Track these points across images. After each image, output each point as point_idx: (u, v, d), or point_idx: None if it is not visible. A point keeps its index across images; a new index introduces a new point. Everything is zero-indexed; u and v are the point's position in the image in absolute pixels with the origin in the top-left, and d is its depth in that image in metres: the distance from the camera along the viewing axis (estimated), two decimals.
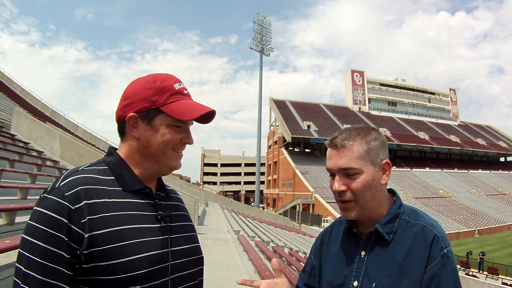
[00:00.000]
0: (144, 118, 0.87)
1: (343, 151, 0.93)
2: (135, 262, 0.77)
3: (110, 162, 0.89)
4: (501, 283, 16.22)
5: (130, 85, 0.90)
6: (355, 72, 71.90)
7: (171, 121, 0.87)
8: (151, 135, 0.87)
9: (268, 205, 62.31)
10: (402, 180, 49.95)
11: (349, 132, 0.96)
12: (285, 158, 53.52)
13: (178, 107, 0.87)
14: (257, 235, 12.59)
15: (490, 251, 23.73)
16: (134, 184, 0.87)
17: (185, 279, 0.89)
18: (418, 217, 0.96)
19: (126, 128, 0.89)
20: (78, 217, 0.75)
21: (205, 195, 22.98)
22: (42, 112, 21.77)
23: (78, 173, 0.82)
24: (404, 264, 0.89)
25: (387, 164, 0.96)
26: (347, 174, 0.93)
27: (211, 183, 78.76)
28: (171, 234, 0.88)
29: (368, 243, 0.96)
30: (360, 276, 0.94)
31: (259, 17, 57.19)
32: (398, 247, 0.92)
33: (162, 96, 0.87)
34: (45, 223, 0.73)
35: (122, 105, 0.89)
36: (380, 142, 0.96)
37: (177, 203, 1.02)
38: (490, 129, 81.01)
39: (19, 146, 9.25)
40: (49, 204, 0.75)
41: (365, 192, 0.92)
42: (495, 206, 44.85)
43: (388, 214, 0.96)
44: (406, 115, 72.97)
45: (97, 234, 0.75)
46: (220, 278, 5.21)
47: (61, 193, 0.76)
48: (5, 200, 5.06)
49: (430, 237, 0.90)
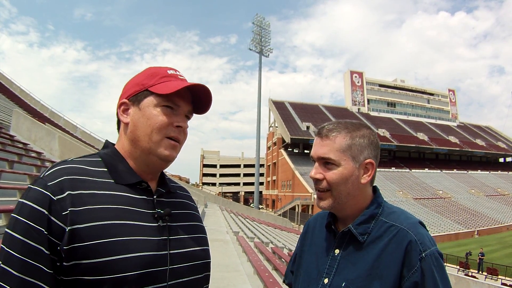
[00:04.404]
0: (134, 101, 0.82)
1: (326, 140, 0.94)
2: (124, 262, 0.67)
3: (104, 154, 0.82)
4: (501, 284, 16.23)
5: (128, 81, 0.88)
6: (354, 73, 71.96)
7: (159, 101, 0.80)
8: (139, 117, 0.80)
9: (267, 206, 62.25)
10: (401, 181, 49.98)
11: (337, 124, 0.96)
12: (284, 159, 53.52)
13: (167, 85, 0.80)
14: (256, 236, 12.60)
15: (490, 251, 23.72)
16: (128, 177, 0.79)
17: (187, 286, 0.79)
18: (396, 218, 0.93)
19: (119, 117, 0.84)
20: (60, 208, 0.67)
21: (204, 196, 22.98)
22: (41, 113, 21.74)
23: (66, 163, 0.75)
24: (376, 266, 0.87)
25: (370, 164, 0.94)
26: (326, 163, 0.93)
27: (210, 184, 78.64)
28: (171, 235, 0.79)
29: (343, 242, 0.95)
30: (331, 274, 0.93)
31: (258, 18, 57.29)
32: (372, 248, 0.90)
33: (153, 79, 0.82)
34: (26, 215, 0.66)
35: (119, 99, 0.85)
36: (368, 141, 0.94)
37: (183, 200, 0.92)
38: (489, 129, 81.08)
39: (18, 147, 9.23)
40: (31, 194, 0.68)
41: (340, 185, 0.92)
42: (494, 207, 44.82)
43: (363, 214, 0.94)
44: (405, 116, 73.03)
45: (80, 228, 0.67)
46: (219, 279, 5.20)
47: (44, 183, 0.69)
48: (5, 201, 5.05)
49: (405, 242, 0.87)
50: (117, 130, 0.86)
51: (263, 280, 5.12)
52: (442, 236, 33.22)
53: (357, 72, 72.64)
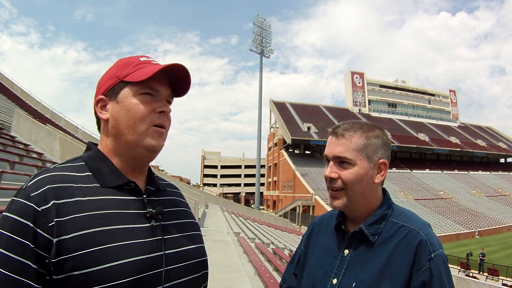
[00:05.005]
0: (111, 96, 0.78)
1: (342, 140, 0.94)
2: (115, 269, 0.65)
3: (86, 157, 0.78)
4: (501, 284, 16.20)
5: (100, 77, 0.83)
6: (355, 73, 71.96)
7: (137, 89, 0.76)
8: (119, 110, 0.76)
9: (268, 207, 62.23)
10: (402, 182, 49.91)
11: (352, 123, 0.97)
12: (285, 160, 53.49)
13: (142, 72, 0.77)
14: (257, 237, 12.61)
15: (490, 252, 23.70)
16: (114, 179, 0.75)
17: (185, 287, 0.76)
18: (406, 219, 0.94)
19: (98, 114, 0.79)
20: (45, 219, 0.64)
21: (205, 197, 23.00)
22: (42, 114, 21.78)
23: (49, 172, 0.72)
24: (386, 266, 0.88)
25: (383, 164, 0.96)
26: (341, 162, 0.94)
27: (211, 185, 78.62)
28: (165, 235, 0.76)
29: (353, 242, 0.96)
30: (341, 274, 0.93)
31: (259, 19, 57.33)
32: (382, 249, 0.91)
33: (126, 69, 0.78)
34: (9, 229, 0.63)
35: (95, 97, 0.81)
36: (382, 141, 0.96)
37: (174, 197, 0.89)
38: (490, 130, 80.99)
39: (19, 148, 9.25)
40: (14, 207, 0.65)
41: (355, 185, 0.92)
42: (495, 207, 44.77)
43: (374, 214, 0.95)
44: (406, 117, 72.98)
45: (68, 239, 0.64)
46: (220, 280, 5.21)
47: (27, 194, 0.66)
48: (6, 202, 5.06)
49: (416, 242, 0.88)
50: (98, 131, 0.82)
51: (264, 281, 5.12)
52: (443, 237, 33.18)
53: (358, 72, 72.63)
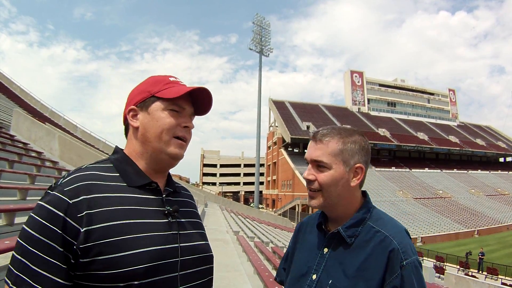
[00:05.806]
0: (142, 107, 0.90)
1: (319, 144, 1.01)
2: (133, 257, 0.76)
3: (114, 159, 0.90)
4: (501, 284, 16.24)
5: (132, 90, 0.95)
6: (354, 72, 71.98)
7: (166, 105, 0.89)
8: (149, 121, 0.89)
9: (268, 206, 62.31)
10: (401, 181, 50.00)
11: (331, 129, 1.03)
12: (285, 159, 53.53)
13: (171, 90, 0.90)
14: (257, 236, 12.62)
15: (490, 251, 23.75)
16: (139, 179, 0.87)
17: (195, 276, 0.88)
18: (383, 225, 0.99)
19: (128, 122, 0.92)
20: (76, 211, 0.75)
21: (204, 195, 22.99)
22: (42, 112, 21.77)
23: (81, 171, 0.83)
24: (362, 268, 0.93)
25: (360, 168, 1.01)
26: (318, 166, 1.00)
27: (210, 183, 78.71)
28: (180, 230, 0.88)
29: (332, 242, 1.02)
30: (320, 270, 1.00)
31: (258, 18, 57.27)
32: (359, 251, 0.96)
33: (157, 86, 0.91)
34: (43, 216, 0.75)
35: (126, 107, 0.93)
36: (359, 146, 1.01)
37: (186, 199, 1.01)
38: (490, 129, 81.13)
39: (18, 147, 9.25)
40: (49, 198, 0.77)
41: (330, 187, 0.99)
42: (494, 207, 44.86)
43: (352, 218, 1.01)
44: (406, 116, 73.05)
45: (95, 229, 0.75)
46: (219, 279, 5.20)
47: (62, 189, 0.78)
48: (5, 200, 5.06)
49: (388, 249, 0.93)
50: (125, 136, 0.95)
51: (263, 280, 5.12)
52: (442, 236, 33.25)
53: (357, 71, 72.65)
